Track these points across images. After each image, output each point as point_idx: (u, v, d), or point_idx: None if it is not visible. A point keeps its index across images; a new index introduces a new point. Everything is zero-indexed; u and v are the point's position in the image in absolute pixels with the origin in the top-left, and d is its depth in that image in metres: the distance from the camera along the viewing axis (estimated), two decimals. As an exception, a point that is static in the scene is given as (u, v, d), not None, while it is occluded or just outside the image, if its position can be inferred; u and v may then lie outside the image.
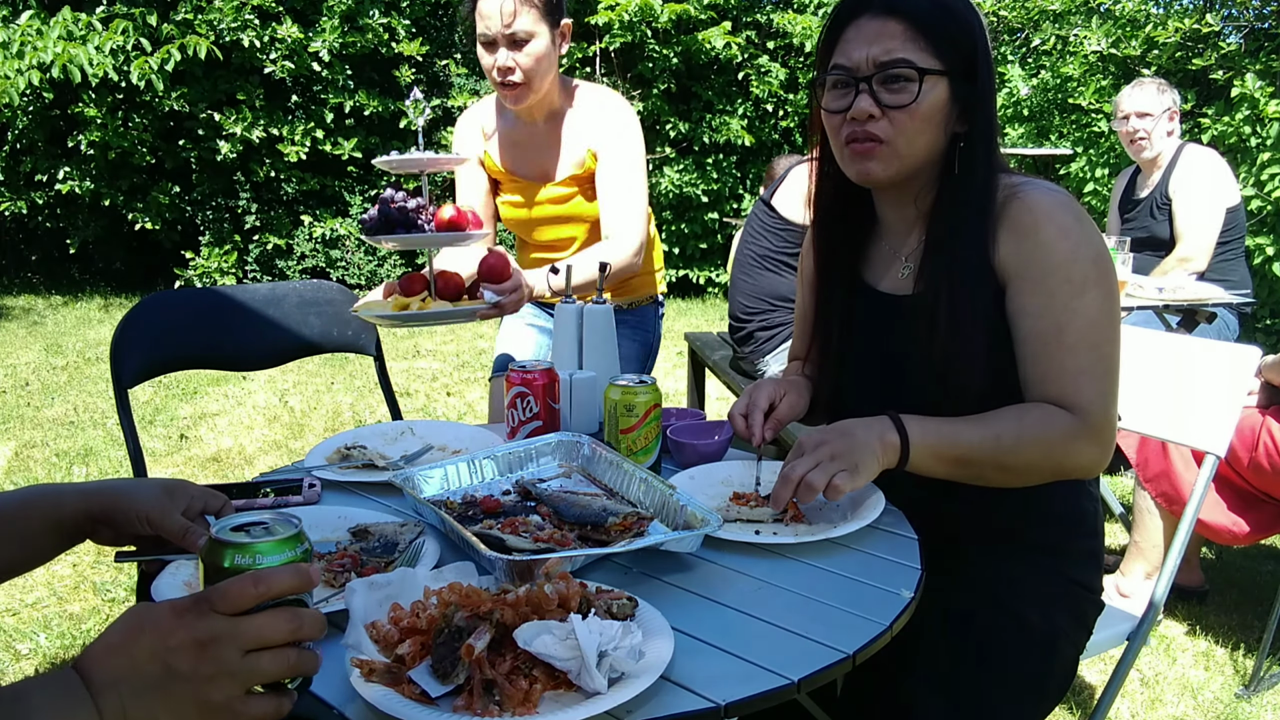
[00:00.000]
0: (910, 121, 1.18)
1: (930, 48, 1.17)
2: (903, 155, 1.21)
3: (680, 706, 0.77)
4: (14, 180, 6.97)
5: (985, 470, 1.15)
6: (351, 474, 1.30)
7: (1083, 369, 1.15)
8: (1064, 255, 1.16)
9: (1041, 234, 1.17)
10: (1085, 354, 1.15)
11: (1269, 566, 2.86)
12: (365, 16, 6.82)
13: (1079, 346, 1.15)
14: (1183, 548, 1.57)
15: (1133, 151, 3.43)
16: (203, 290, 1.99)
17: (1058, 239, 1.16)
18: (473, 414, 4.40)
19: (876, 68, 1.17)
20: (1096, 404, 1.15)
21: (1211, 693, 2.20)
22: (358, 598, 0.84)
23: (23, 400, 4.48)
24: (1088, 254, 1.17)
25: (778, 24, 7.55)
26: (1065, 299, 1.15)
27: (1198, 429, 1.62)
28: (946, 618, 1.18)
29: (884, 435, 1.11)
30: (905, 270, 1.30)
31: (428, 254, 1.67)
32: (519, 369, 1.40)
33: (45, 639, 2.37)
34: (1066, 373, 1.15)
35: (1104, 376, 1.16)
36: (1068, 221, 1.17)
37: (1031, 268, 1.17)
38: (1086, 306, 1.15)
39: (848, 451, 1.09)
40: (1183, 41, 5.86)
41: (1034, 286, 1.17)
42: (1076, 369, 1.15)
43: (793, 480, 1.07)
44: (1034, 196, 1.19)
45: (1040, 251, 1.16)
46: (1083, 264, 1.16)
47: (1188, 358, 1.67)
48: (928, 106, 1.18)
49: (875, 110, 1.18)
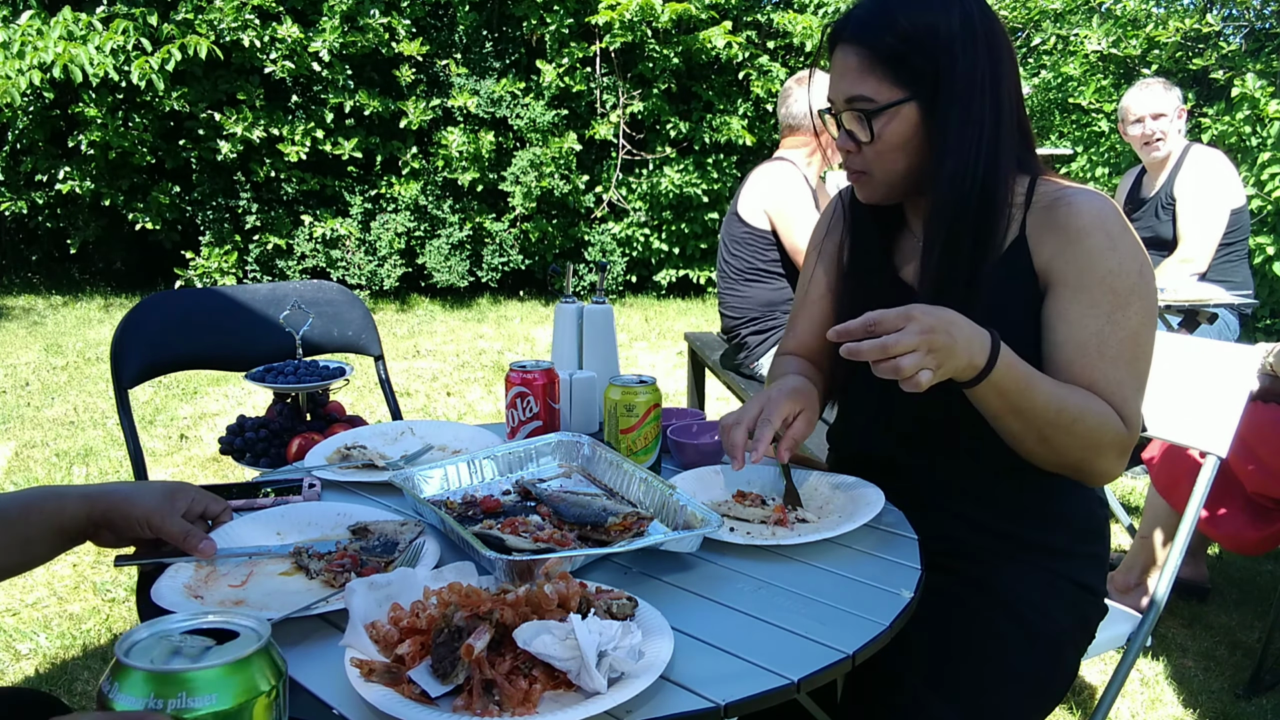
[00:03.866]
0: (879, 154, 1.20)
1: (890, 76, 1.17)
2: (882, 182, 1.23)
3: (680, 706, 0.77)
4: (14, 180, 6.97)
5: (1029, 432, 1.13)
6: (351, 474, 1.30)
7: (1122, 381, 1.15)
8: (1111, 265, 1.15)
9: (1089, 241, 1.16)
10: (1124, 367, 1.15)
11: (1269, 566, 2.86)
12: (365, 16, 6.82)
13: (1119, 359, 1.15)
14: (1184, 548, 1.57)
15: (1146, 153, 3.42)
16: (203, 290, 2.00)
17: (1105, 248, 1.15)
18: (473, 414, 4.40)
19: (845, 103, 1.20)
20: (1133, 420, 1.15)
21: (1211, 693, 2.20)
22: (357, 598, 0.84)
23: (23, 400, 4.48)
24: (1133, 266, 1.16)
25: (778, 24, 7.55)
26: (1109, 309, 1.15)
27: (1199, 429, 1.62)
28: (949, 618, 1.18)
29: (975, 355, 1.04)
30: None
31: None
32: (519, 369, 1.40)
33: (45, 639, 2.37)
34: (1108, 383, 1.14)
35: (1139, 391, 1.17)
36: (1116, 231, 1.16)
37: (1076, 274, 1.16)
38: (1129, 319, 1.15)
39: (946, 350, 1.00)
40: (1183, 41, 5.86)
41: (1077, 294, 1.16)
42: (1117, 380, 1.15)
43: (888, 351, 0.98)
44: (1082, 201, 1.18)
45: (1086, 259, 1.16)
46: (1129, 275, 1.15)
47: (1189, 358, 1.67)
48: (892, 136, 1.19)
49: (850, 145, 1.22)
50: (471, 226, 7.40)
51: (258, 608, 0.92)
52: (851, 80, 1.18)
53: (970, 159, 1.17)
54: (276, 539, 1.07)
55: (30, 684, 2.18)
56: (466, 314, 7.02)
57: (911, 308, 1.00)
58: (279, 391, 1.80)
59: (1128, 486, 3.52)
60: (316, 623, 0.90)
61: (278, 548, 1.04)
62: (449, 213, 7.36)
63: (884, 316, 0.99)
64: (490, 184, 7.39)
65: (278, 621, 0.85)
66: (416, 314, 7.06)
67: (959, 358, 1.03)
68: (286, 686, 0.56)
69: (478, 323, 6.67)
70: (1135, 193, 3.58)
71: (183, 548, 0.97)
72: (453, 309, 7.22)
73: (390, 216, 7.26)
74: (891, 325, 0.99)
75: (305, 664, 0.83)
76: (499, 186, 7.40)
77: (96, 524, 0.94)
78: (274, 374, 1.80)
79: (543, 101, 7.23)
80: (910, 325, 0.99)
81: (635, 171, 7.65)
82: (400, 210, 7.29)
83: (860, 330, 1.00)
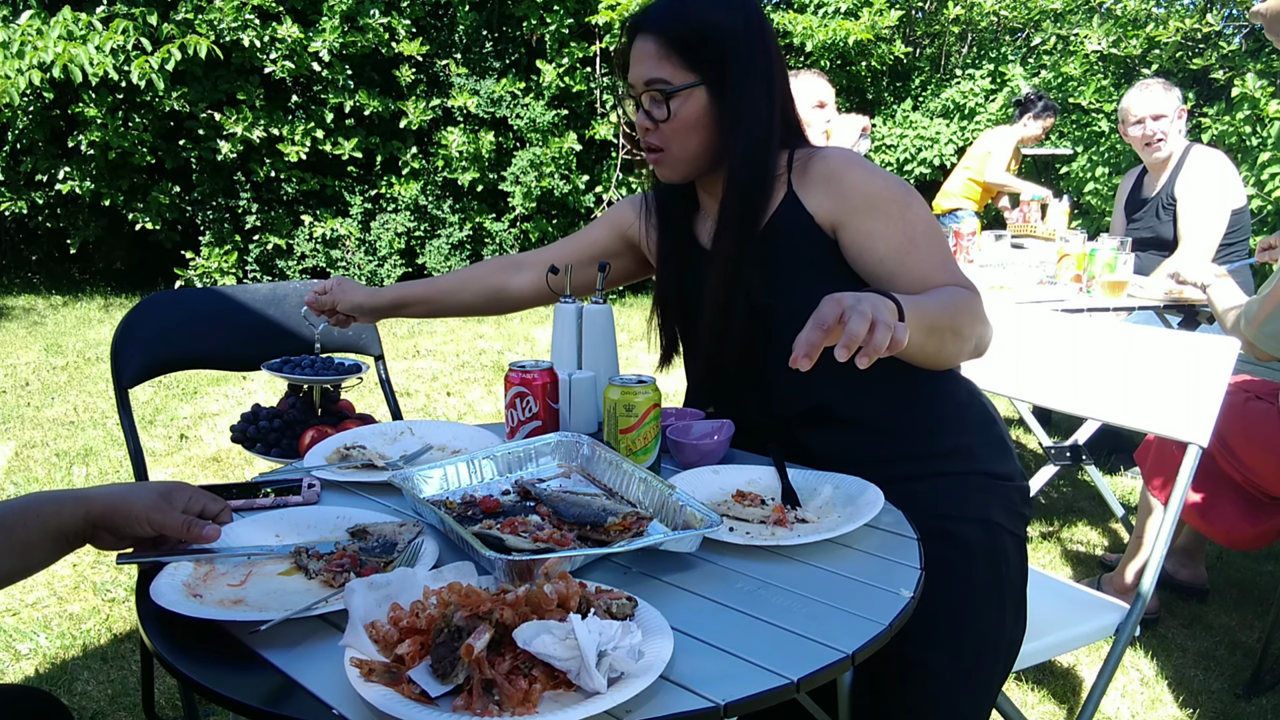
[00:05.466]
0: (674, 132, 1.35)
1: (683, 63, 1.32)
2: (679, 158, 1.38)
3: (680, 706, 0.77)
4: (14, 180, 6.97)
5: (945, 336, 1.24)
6: (351, 474, 1.30)
7: (945, 261, 1.31)
8: (878, 184, 1.32)
9: (851, 175, 1.33)
10: (939, 251, 1.32)
11: (1269, 566, 2.86)
12: (365, 16, 6.82)
13: (934, 246, 1.31)
14: (1169, 535, 1.59)
15: (1147, 154, 3.41)
16: (203, 290, 2.00)
17: (865, 175, 1.33)
18: (473, 414, 4.40)
19: (644, 86, 1.34)
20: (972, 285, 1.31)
21: (1211, 693, 2.20)
22: (357, 598, 0.84)
23: (23, 400, 4.48)
24: (893, 181, 1.34)
25: (778, 24, 7.54)
26: (899, 213, 1.31)
27: (1179, 419, 1.63)
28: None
29: (891, 306, 1.06)
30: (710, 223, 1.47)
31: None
32: (518, 369, 1.40)
33: (45, 639, 2.37)
34: (934, 268, 1.30)
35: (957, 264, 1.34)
36: (863, 163, 1.36)
37: (858, 201, 1.32)
38: (918, 214, 1.32)
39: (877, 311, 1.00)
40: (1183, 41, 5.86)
41: (868, 215, 1.31)
42: (940, 262, 1.31)
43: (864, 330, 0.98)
44: (830, 152, 1.37)
45: (857, 187, 1.32)
46: (895, 187, 1.33)
47: (1167, 349, 1.68)
48: (685, 116, 1.34)
49: (647, 123, 1.36)
50: (471, 226, 7.40)
51: (257, 608, 0.92)
52: (650, 65, 1.33)
53: (759, 137, 1.35)
54: (275, 541, 1.07)
55: (30, 684, 2.18)
56: (466, 314, 7.02)
57: (829, 298, 1.02)
58: (294, 383, 1.80)
59: (1128, 486, 3.52)
60: (316, 623, 0.90)
61: (278, 548, 1.04)
62: (449, 213, 7.36)
63: (823, 312, 1.01)
64: (490, 184, 7.39)
65: (278, 622, 0.85)
66: (416, 314, 7.06)
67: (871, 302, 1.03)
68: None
69: (478, 323, 6.67)
70: (1136, 193, 3.58)
71: (186, 538, 0.97)
72: (453, 309, 7.22)
73: (390, 216, 7.26)
74: (833, 316, 1.00)
75: (305, 664, 0.83)
76: (499, 186, 7.40)
77: (95, 526, 0.94)
78: (291, 365, 1.81)
79: (543, 101, 7.23)
80: (847, 308, 1.00)
81: (635, 171, 7.65)
82: (400, 210, 7.29)
83: (819, 336, 0.99)
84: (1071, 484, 3.58)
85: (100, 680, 2.21)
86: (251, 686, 0.80)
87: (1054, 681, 2.25)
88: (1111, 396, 1.74)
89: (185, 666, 0.83)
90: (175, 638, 0.87)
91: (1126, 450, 3.46)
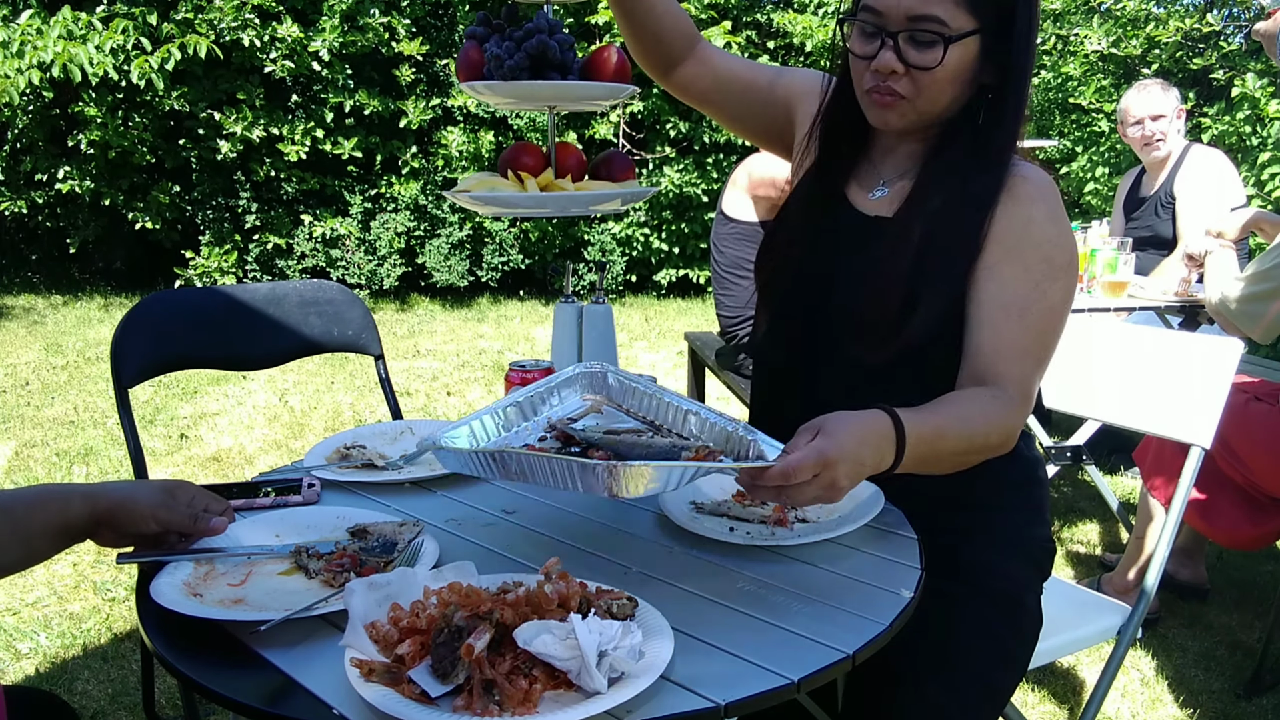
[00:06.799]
0: (933, 83, 1.15)
1: (966, 3, 1.12)
2: (922, 112, 1.19)
3: (680, 706, 0.77)
4: (14, 180, 6.96)
5: (944, 464, 1.09)
6: (351, 474, 1.30)
7: (1028, 350, 1.16)
8: (1050, 234, 1.18)
9: (1034, 209, 1.18)
10: (1036, 337, 1.17)
11: (1269, 566, 2.86)
12: (365, 16, 6.81)
13: (1034, 328, 1.16)
14: (1172, 536, 1.59)
15: (1146, 154, 3.42)
16: (203, 290, 1.99)
17: (1048, 220, 1.19)
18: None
19: (908, 22, 1.12)
20: (1027, 383, 1.16)
21: (1211, 693, 2.20)
22: (357, 598, 0.84)
23: (23, 400, 4.48)
24: (1069, 244, 1.20)
25: (778, 24, 7.54)
26: (1038, 278, 1.17)
27: (1182, 421, 1.63)
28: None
29: (883, 462, 0.99)
30: (879, 193, 1.29)
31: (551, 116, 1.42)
32: (518, 368, 1.40)
33: (45, 638, 2.37)
34: (1014, 350, 1.15)
35: (1040, 365, 1.19)
36: (1057, 207, 1.20)
37: (1015, 237, 1.18)
38: (1054, 293, 1.18)
39: (849, 488, 0.95)
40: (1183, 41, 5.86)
41: (1011, 255, 1.17)
42: (1024, 349, 1.16)
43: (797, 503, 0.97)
44: (1030, 172, 1.21)
45: (1029, 226, 1.18)
46: (1065, 251, 1.19)
47: (1169, 350, 1.68)
48: (954, 67, 1.15)
49: (899, 67, 1.15)
50: (471, 226, 7.40)
51: (257, 607, 0.92)
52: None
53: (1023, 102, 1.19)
54: (275, 541, 1.07)
55: (30, 684, 2.18)
56: (466, 313, 7.02)
57: (829, 456, 0.91)
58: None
59: (1128, 486, 3.52)
60: (316, 623, 0.90)
61: (278, 548, 1.04)
62: (449, 212, 7.36)
63: (800, 466, 0.91)
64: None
65: (278, 622, 0.85)
66: (416, 313, 7.06)
67: (861, 480, 0.97)
68: None
69: (478, 322, 6.67)
70: (1134, 192, 3.59)
71: (192, 532, 0.98)
72: (452, 308, 7.22)
73: (390, 216, 7.26)
74: (805, 475, 0.91)
75: (305, 664, 0.83)
76: (499, 186, 7.39)
77: (99, 522, 0.95)
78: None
79: (543, 101, 7.22)
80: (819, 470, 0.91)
81: (635, 171, 7.64)
82: (400, 210, 7.28)
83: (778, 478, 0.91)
84: (1071, 484, 3.58)
85: (100, 680, 2.21)
86: (252, 686, 0.80)
87: (1054, 682, 2.25)
88: (1113, 397, 1.74)
89: (185, 666, 0.83)
90: (175, 637, 0.87)
91: (1126, 450, 3.46)
